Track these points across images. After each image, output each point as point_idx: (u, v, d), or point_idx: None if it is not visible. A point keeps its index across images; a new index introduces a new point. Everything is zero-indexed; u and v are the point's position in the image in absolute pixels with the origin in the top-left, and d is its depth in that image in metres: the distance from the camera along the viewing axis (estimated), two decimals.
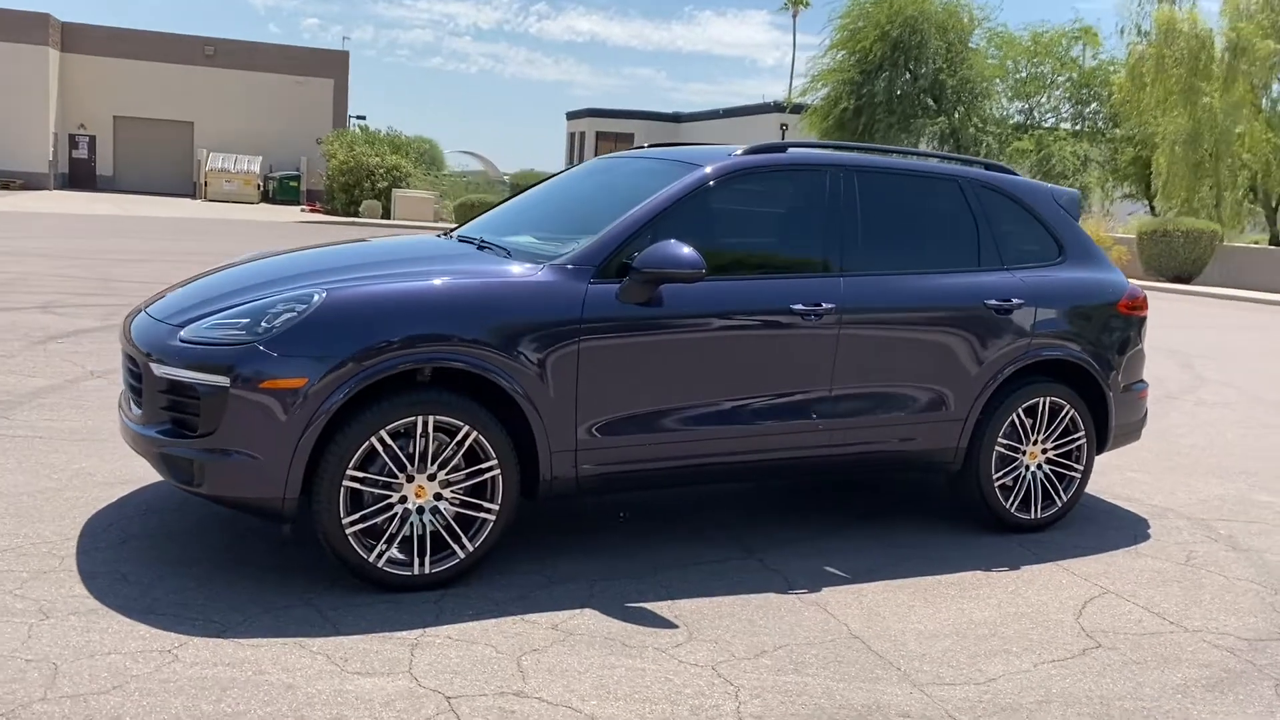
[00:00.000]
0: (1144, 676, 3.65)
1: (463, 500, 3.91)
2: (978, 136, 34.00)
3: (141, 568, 3.94)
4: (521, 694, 3.21)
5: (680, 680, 3.37)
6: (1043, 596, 4.32)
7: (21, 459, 5.15)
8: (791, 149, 4.76)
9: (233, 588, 3.81)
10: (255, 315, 3.78)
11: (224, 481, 3.69)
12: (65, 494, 4.68)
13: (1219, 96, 26.02)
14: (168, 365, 3.75)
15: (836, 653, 3.67)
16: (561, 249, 4.33)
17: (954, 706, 3.34)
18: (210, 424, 3.65)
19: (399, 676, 3.26)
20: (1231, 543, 5.19)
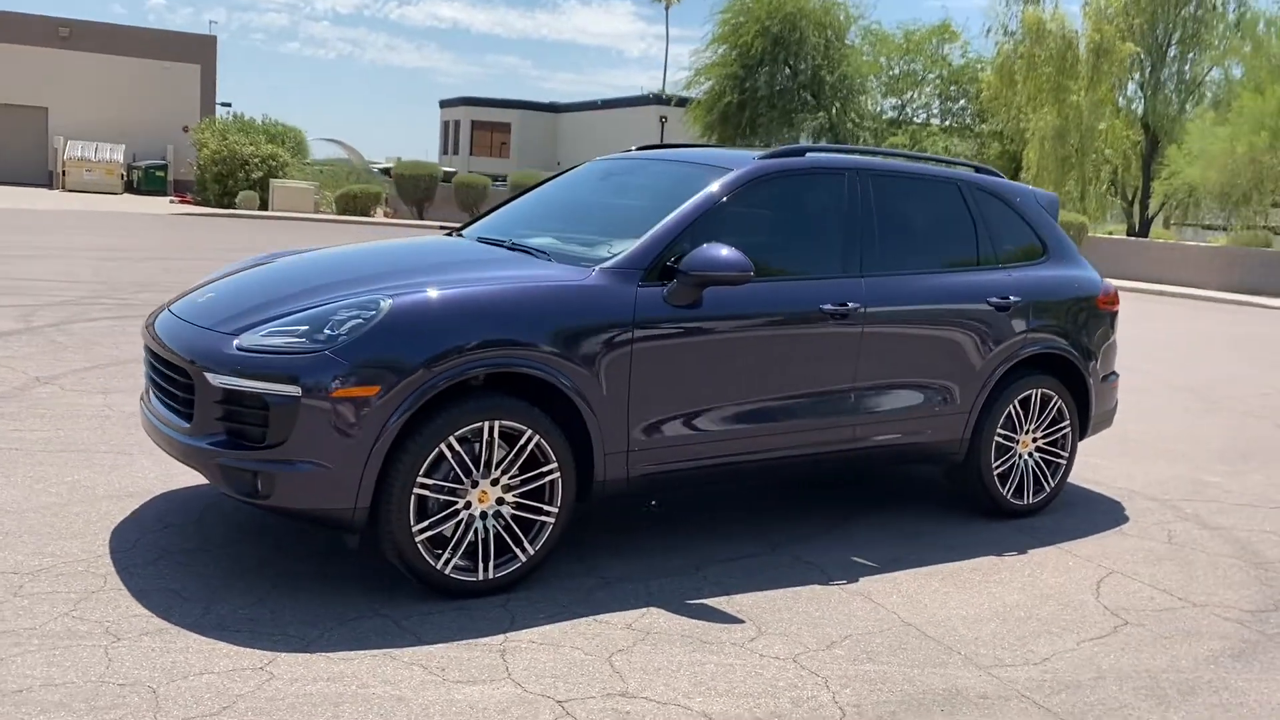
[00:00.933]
0: (1175, 650, 3.93)
1: (523, 504, 3.92)
2: (855, 131, 35.02)
3: (192, 584, 3.82)
4: (628, 694, 3.26)
5: (769, 674, 3.47)
6: (1059, 579, 4.58)
7: (8, 473, 4.90)
8: (809, 153, 4.90)
9: (295, 601, 3.74)
10: (316, 322, 3.71)
11: (294, 493, 3.61)
12: (72, 509, 4.48)
13: (1084, 95, 27.46)
14: (227, 375, 3.64)
15: (899, 640, 3.83)
16: (594, 252, 4.37)
17: (1023, 686, 3.54)
18: (280, 434, 3.56)
19: (501, 683, 3.27)
20: (1200, 521, 5.58)
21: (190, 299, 4.31)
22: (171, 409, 3.94)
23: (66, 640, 3.31)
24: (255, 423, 3.63)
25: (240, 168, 33.84)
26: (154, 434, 4.09)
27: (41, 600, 3.59)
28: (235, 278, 4.51)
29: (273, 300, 3.98)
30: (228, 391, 3.65)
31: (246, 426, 3.66)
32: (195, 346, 3.81)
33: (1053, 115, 27.84)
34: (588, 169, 5.54)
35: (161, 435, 3.98)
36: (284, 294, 4.04)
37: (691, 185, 4.58)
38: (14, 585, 3.69)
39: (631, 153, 5.54)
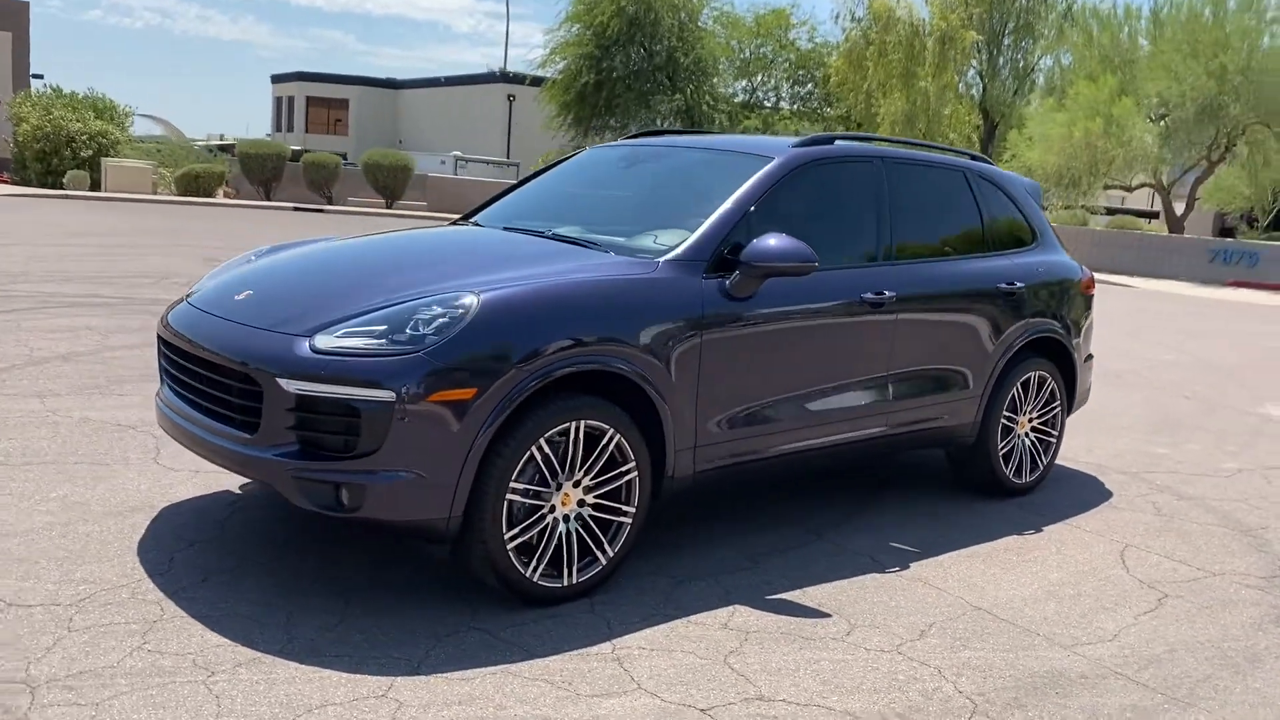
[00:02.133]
0: (1223, 619, 4.14)
1: (603, 505, 3.79)
2: (711, 114, 35.42)
3: (255, 606, 3.54)
4: (764, 698, 3.20)
5: (884, 667, 3.48)
6: (1084, 555, 4.76)
7: None
8: (837, 140, 4.90)
9: (377, 619, 3.51)
10: (395, 321, 3.47)
11: (387, 505, 3.38)
12: (77, 529, 4.08)
13: (931, 81, 28.57)
14: (305, 381, 3.37)
15: (980, 625, 3.89)
16: (643, 243, 4.26)
17: (1112, 664, 3.65)
18: (372, 443, 3.32)
19: (636, 694, 3.15)
20: (1173, 492, 5.90)
21: (219, 295, 3.97)
22: (220, 417, 3.62)
23: (158, 678, 3.01)
24: (337, 431, 3.38)
25: (66, 145, 31.54)
26: (193, 443, 3.76)
27: (103, 634, 3.25)
28: (266, 273, 4.18)
29: (331, 298, 3.71)
30: (304, 398, 3.37)
31: (326, 435, 3.40)
32: (256, 349, 3.51)
33: (902, 100, 28.87)
34: (603, 156, 5.37)
35: (207, 445, 3.66)
36: (339, 291, 3.77)
37: (731, 173, 4.51)
38: (63, 619, 3.33)
39: (649, 140, 5.42)
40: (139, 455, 5.04)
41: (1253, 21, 25.01)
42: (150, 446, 5.18)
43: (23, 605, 3.40)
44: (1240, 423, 8.10)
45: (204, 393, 3.70)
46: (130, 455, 5.04)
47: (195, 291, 4.21)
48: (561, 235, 4.41)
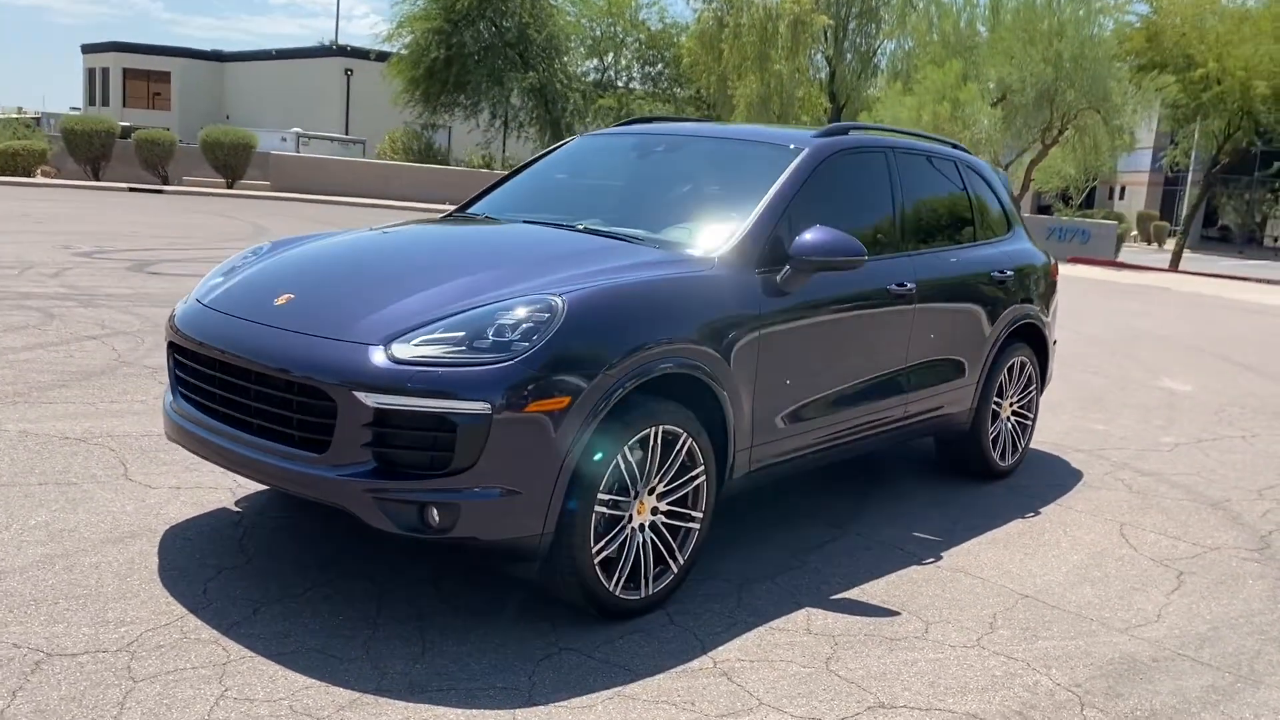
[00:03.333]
0: (1242, 593, 4.33)
1: (674, 512, 3.66)
2: (565, 93, 35.08)
3: (324, 638, 3.25)
4: (887, 705, 3.15)
5: (978, 664, 3.48)
6: (1090, 536, 4.91)
7: None
8: (852, 130, 4.85)
9: (462, 645, 3.28)
10: (474, 326, 3.23)
11: (481, 523, 3.15)
12: (81, 561, 3.66)
13: (785, 64, 29.10)
14: (388, 394, 3.09)
15: (1037, 614, 3.95)
16: (680, 237, 4.13)
17: (1170, 645, 3.77)
18: (468, 458, 3.08)
19: (763, 710, 3.05)
20: (1134, 469, 6.17)
21: (251, 299, 3.62)
22: (274, 434, 3.30)
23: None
24: (423, 446, 3.13)
25: None
26: (234, 462, 3.42)
27: (175, 683, 2.91)
28: (300, 274, 3.83)
29: (390, 302, 3.41)
30: (385, 413, 3.10)
31: (409, 452, 3.14)
32: (325, 361, 3.20)
33: (757, 83, 29.30)
34: (596, 144, 5.16)
35: (256, 465, 3.33)
36: (395, 294, 3.48)
37: (757, 165, 4.43)
38: (120, 668, 2.97)
39: (639, 128, 5.24)
40: (105, 472, 4.58)
41: (1082, 11, 26.49)
42: (113, 461, 4.72)
43: (66, 655, 3.02)
44: (1152, 397, 8.56)
45: (250, 408, 3.36)
46: (96, 472, 4.57)
47: (208, 293, 3.83)
48: (598, 230, 4.21)
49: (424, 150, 36.80)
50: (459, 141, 39.99)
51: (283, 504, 4.39)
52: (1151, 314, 15.77)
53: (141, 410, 5.56)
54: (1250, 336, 13.94)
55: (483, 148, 36.90)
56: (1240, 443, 7.12)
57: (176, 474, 4.63)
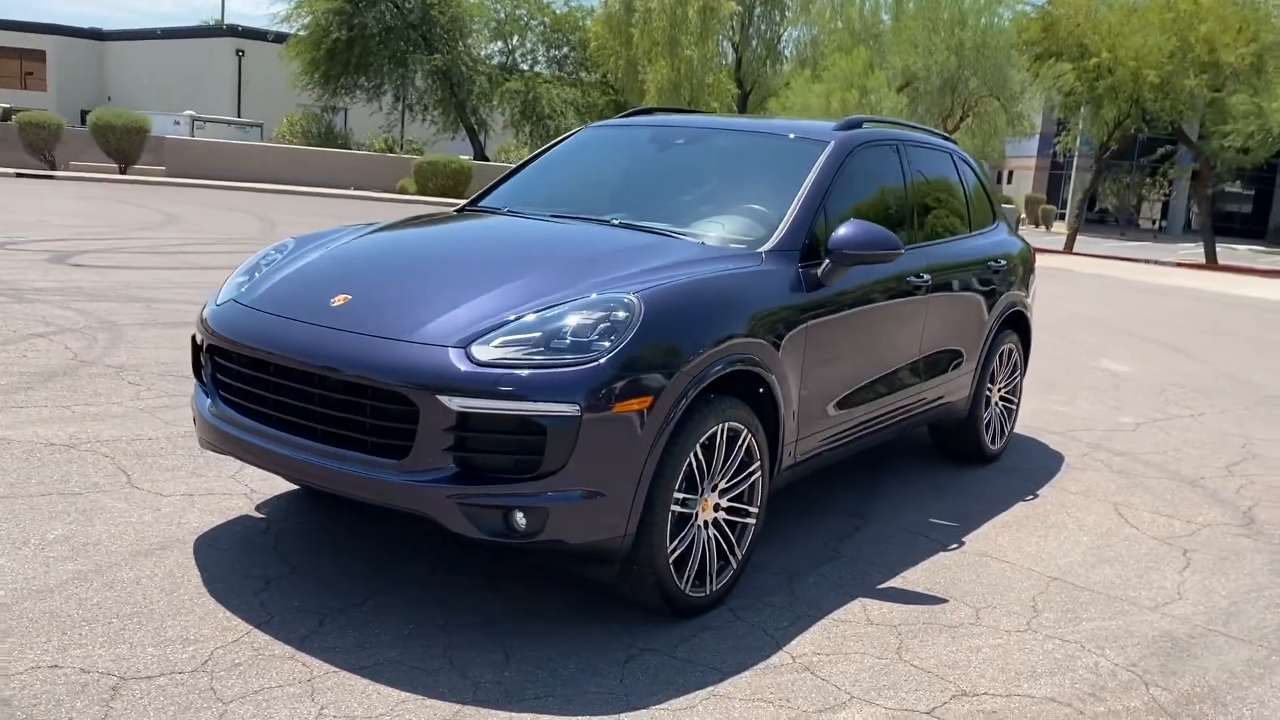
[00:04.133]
0: (1245, 567, 4.53)
1: (733, 508, 3.66)
2: (471, 75, 34.60)
3: (400, 649, 3.16)
4: (969, 693, 3.21)
5: (1036, 648, 3.57)
6: (1092, 517, 5.08)
7: None
8: (865, 124, 4.89)
9: (540, 649, 3.22)
10: (552, 327, 3.17)
11: (569, 527, 3.09)
12: (118, 577, 3.48)
13: (695, 49, 29.22)
14: (474, 398, 3.01)
15: (1071, 596, 4.07)
16: (716, 230, 4.12)
17: (1200, 621, 3.92)
18: (556, 461, 3.03)
19: (858, 705, 3.08)
20: (1108, 449, 6.40)
21: (302, 300, 3.47)
22: (343, 440, 3.19)
23: None
24: (508, 450, 3.06)
25: None
26: (296, 470, 3.30)
27: (268, 702, 2.80)
28: (350, 272, 3.70)
29: (458, 302, 3.32)
30: (469, 417, 3.02)
31: (494, 456, 3.07)
32: (403, 364, 3.09)
33: (667, 68, 29.35)
34: (608, 136, 5.09)
35: (323, 473, 3.21)
36: (460, 294, 3.38)
37: (784, 158, 4.46)
38: (204, 689, 2.84)
39: (650, 119, 5.19)
40: (107, 480, 4.37)
41: (982, 0, 27.24)
42: (111, 469, 4.50)
43: (142, 678, 2.87)
44: (1099, 379, 8.88)
45: (316, 413, 3.24)
46: (98, 481, 4.35)
47: (245, 293, 3.66)
48: (635, 225, 4.16)
49: (324, 134, 35.91)
50: (359, 125, 39.11)
51: (304, 508, 4.25)
52: (1070, 296, 16.33)
53: (120, 413, 5.31)
54: (1162, 317, 14.57)
55: (385, 131, 36.17)
56: (1192, 421, 7.45)
57: (182, 480, 4.44)
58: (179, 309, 8.25)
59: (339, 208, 22.18)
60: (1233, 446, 6.75)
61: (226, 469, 4.61)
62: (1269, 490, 5.78)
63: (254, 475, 4.54)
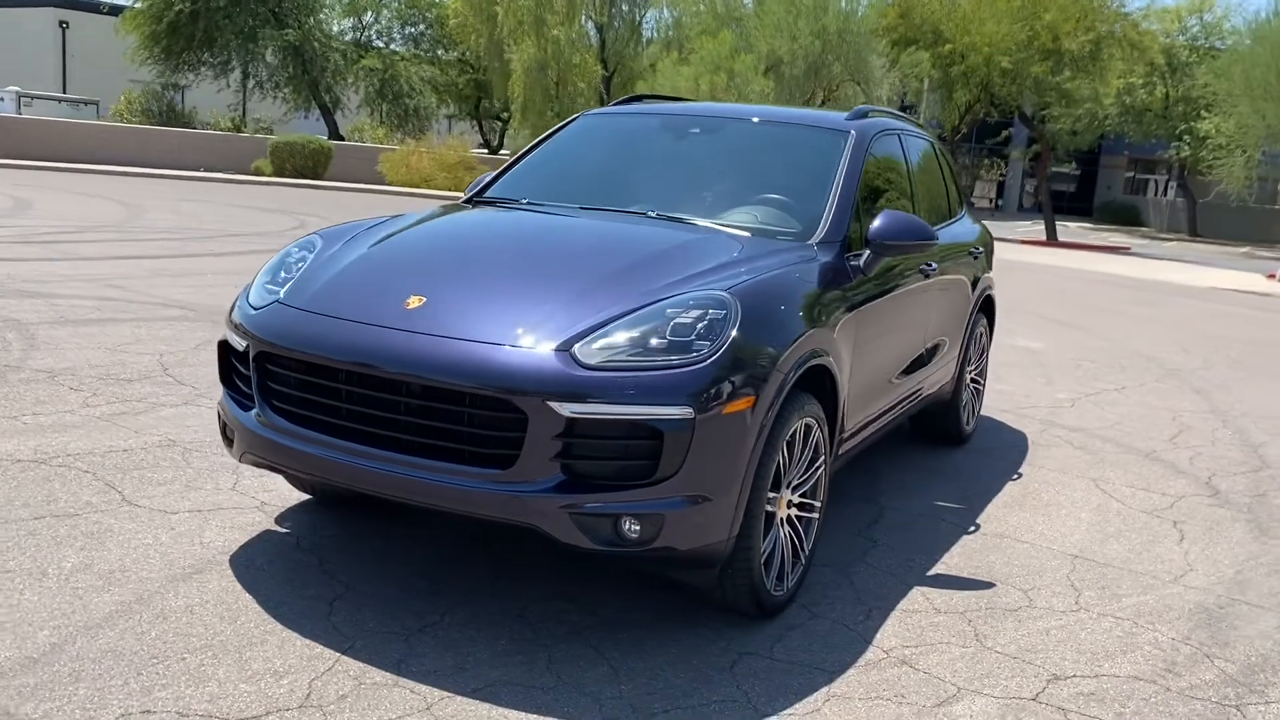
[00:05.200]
0: (1234, 535, 4.78)
1: (803, 504, 3.64)
2: (324, 52, 33.36)
3: (502, 667, 3.01)
4: (1062, 676, 3.27)
5: (1096, 628, 3.67)
6: (1079, 494, 5.27)
7: None
8: (871, 113, 4.90)
9: (641, 660, 3.13)
10: (651, 327, 3.06)
11: (682, 533, 3.00)
12: (166, 605, 3.21)
13: (562, 29, 28.92)
14: (583, 402, 2.89)
15: (1099, 573, 4.21)
16: (749, 222, 4.09)
17: (1220, 591, 4.12)
18: (671, 466, 2.93)
19: (968, 695, 3.10)
20: (1062, 426, 6.66)
21: (367, 301, 3.25)
22: (436, 451, 3.01)
23: None
24: (620, 456, 2.95)
25: None
26: (382, 485, 3.08)
27: None
28: (414, 271, 3.48)
29: (540, 302, 3.18)
30: (580, 422, 2.90)
31: (603, 462, 2.95)
32: (507, 369, 2.93)
33: (534, 48, 28.94)
34: (612, 125, 4.95)
35: (417, 487, 3.02)
36: (541, 294, 3.24)
37: (807, 149, 4.48)
38: None
39: (665, 107, 5.09)
40: (100, 499, 4.02)
41: None
42: (97, 485, 4.15)
43: (251, 718, 2.64)
44: (1020, 356, 9.24)
45: (398, 423, 3.04)
46: (91, 500, 4.00)
47: (290, 295, 3.41)
48: (674, 217, 4.06)
49: (166, 112, 34.04)
50: (203, 103, 37.19)
51: (325, 519, 4.02)
52: None
53: (77, 423, 4.90)
54: (1039, 294, 15.26)
55: (234, 109, 34.54)
56: (1119, 396, 7.83)
57: (180, 495, 4.13)
58: (84, 305, 7.67)
59: (197, 191, 21.07)
60: (1165, 419, 7.13)
61: (222, 481, 4.32)
62: (1216, 461, 6.13)
63: (255, 486, 4.27)
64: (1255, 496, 5.46)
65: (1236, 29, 37.10)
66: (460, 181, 27.15)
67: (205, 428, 4.98)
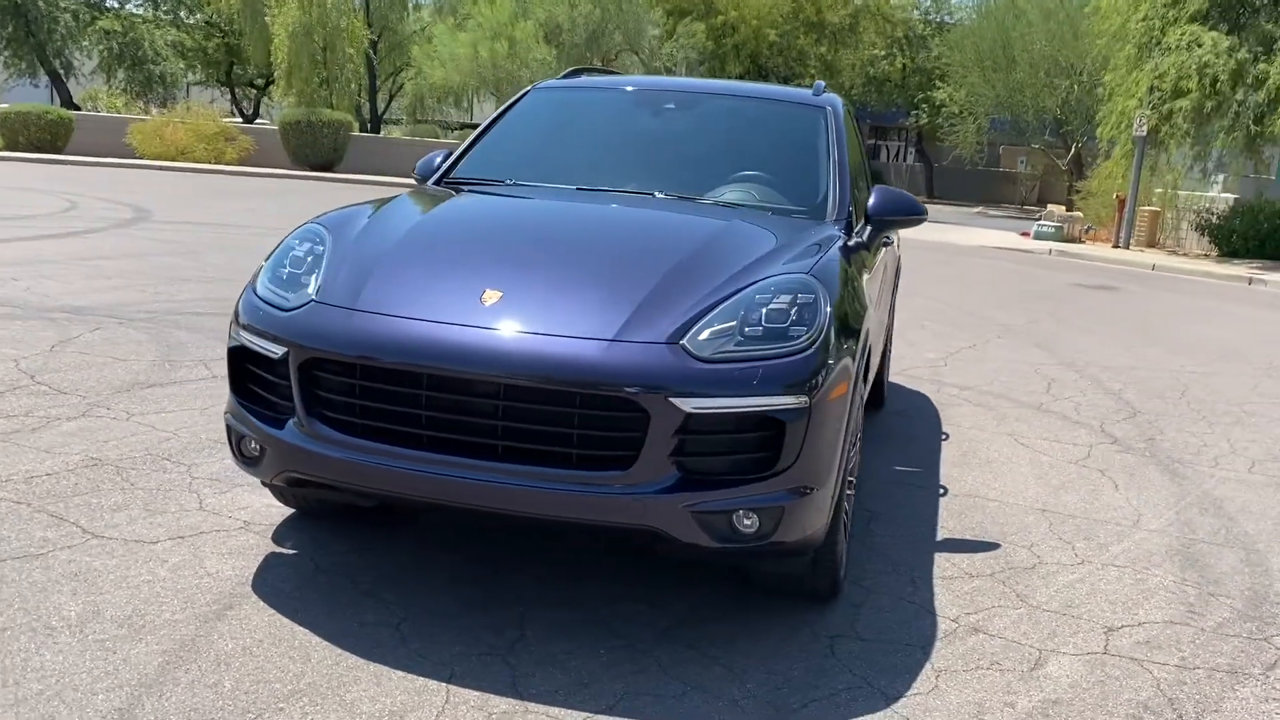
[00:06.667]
0: (1152, 480, 5.18)
1: (848, 481, 3.64)
2: (51, 13, 30.25)
3: (623, 680, 2.86)
4: (1113, 629, 3.45)
5: (1114, 579, 3.88)
6: (1011, 451, 5.54)
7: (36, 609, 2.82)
8: (826, 87, 4.91)
9: (743, 654, 3.05)
10: (746, 315, 2.95)
11: (795, 525, 2.91)
12: (219, 646, 2.83)
13: None
14: (703, 397, 2.76)
15: (1076, 526, 4.44)
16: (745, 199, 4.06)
17: (1176, 533, 4.45)
18: (791, 456, 2.85)
19: (1061, 656, 3.22)
20: (952, 385, 7.00)
21: (437, 299, 2.95)
22: (537, 457, 2.80)
23: None
24: (738, 450, 2.85)
25: None
26: (472, 496, 2.83)
27: None
28: (458, 264, 3.18)
29: (628, 294, 2.99)
30: (696, 417, 2.77)
31: (721, 457, 2.84)
32: (622, 365, 2.75)
33: (298, 11, 27.40)
34: (595, 101, 4.72)
35: (519, 496, 2.80)
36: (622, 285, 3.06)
37: (790, 125, 4.47)
38: None
39: (632, 81, 4.90)
40: (56, 534, 3.51)
41: None
42: (42, 519, 3.62)
43: None
44: None
45: (495, 429, 2.80)
46: (46, 536, 3.48)
47: (320, 291, 3.05)
48: (689, 198, 3.95)
49: None
50: None
51: (324, 534, 3.68)
52: None
53: None
54: None
55: None
56: (976, 353, 8.33)
57: (146, 521, 3.68)
58: None
59: None
60: (1029, 373, 7.64)
61: (183, 501, 3.88)
62: (1095, 410, 6.63)
63: (223, 504, 3.87)
64: (1147, 441, 5.96)
65: (965, 4, 40.22)
66: (221, 153, 25.45)
67: (126, 441, 4.45)
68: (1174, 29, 18.22)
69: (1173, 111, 18.18)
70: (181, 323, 6.97)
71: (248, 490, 4.01)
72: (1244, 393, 7.56)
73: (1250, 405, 7.13)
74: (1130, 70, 19.28)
